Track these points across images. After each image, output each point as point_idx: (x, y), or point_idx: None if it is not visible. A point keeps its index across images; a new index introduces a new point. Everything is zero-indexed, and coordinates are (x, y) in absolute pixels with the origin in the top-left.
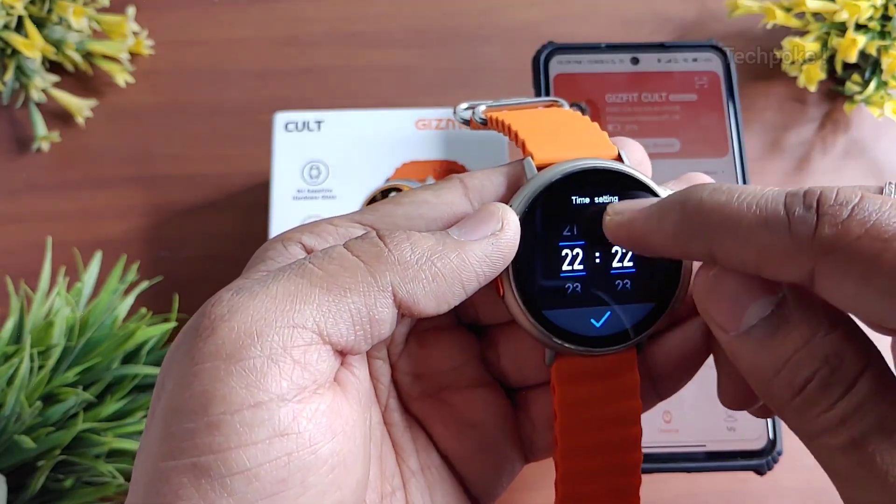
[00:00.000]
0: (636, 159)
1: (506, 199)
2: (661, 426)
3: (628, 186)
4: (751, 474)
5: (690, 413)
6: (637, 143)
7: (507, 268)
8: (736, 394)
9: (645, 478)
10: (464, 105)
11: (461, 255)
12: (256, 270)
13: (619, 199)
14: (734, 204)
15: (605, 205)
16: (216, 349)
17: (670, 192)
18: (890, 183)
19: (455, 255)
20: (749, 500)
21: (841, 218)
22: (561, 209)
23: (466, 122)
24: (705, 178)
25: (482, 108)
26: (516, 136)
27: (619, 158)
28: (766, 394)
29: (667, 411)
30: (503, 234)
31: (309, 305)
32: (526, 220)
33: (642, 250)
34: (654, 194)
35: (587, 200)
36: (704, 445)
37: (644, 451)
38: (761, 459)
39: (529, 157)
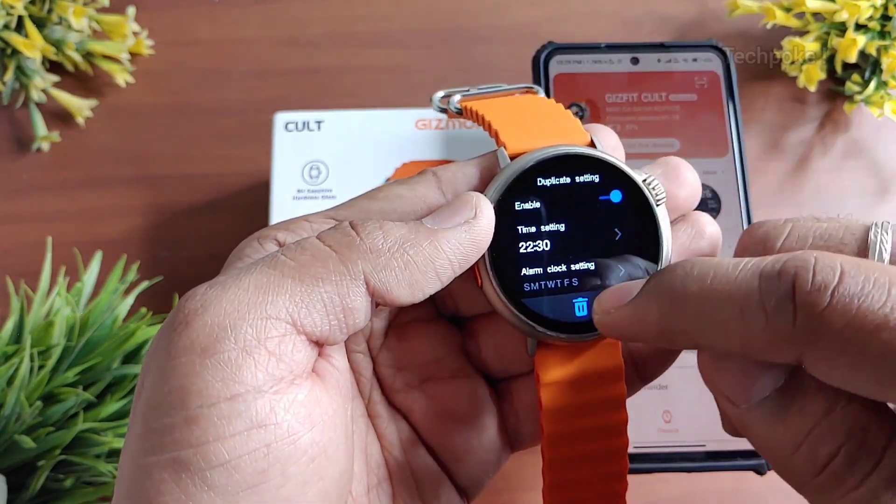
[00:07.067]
0: (609, 145)
1: (479, 190)
2: (661, 426)
3: (602, 171)
4: (751, 474)
5: (690, 413)
6: (610, 129)
7: (485, 257)
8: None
9: (645, 477)
10: (440, 94)
11: (434, 243)
12: (233, 268)
13: (597, 182)
14: (708, 292)
15: (581, 189)
16: (191, 343)
17: (645, 176)
18: (877, 224)
19: (428, 244)
20: (749, 500)
21: (820, 307)
22: (536, 196)
23: (443, 111)
24: (682, 162)
25: (457, 97)
26: (489, 126)
27: (592, 145)
28: (784, 470)
29: (666, 411)
30: (477, 222)
31: (281, 296)
32: (501, 208)
33: (639, 342)
34: (628, 178)
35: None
36: (704, 445)
37: (644, 450)
38: (761, 459)
39: (502, 147)
